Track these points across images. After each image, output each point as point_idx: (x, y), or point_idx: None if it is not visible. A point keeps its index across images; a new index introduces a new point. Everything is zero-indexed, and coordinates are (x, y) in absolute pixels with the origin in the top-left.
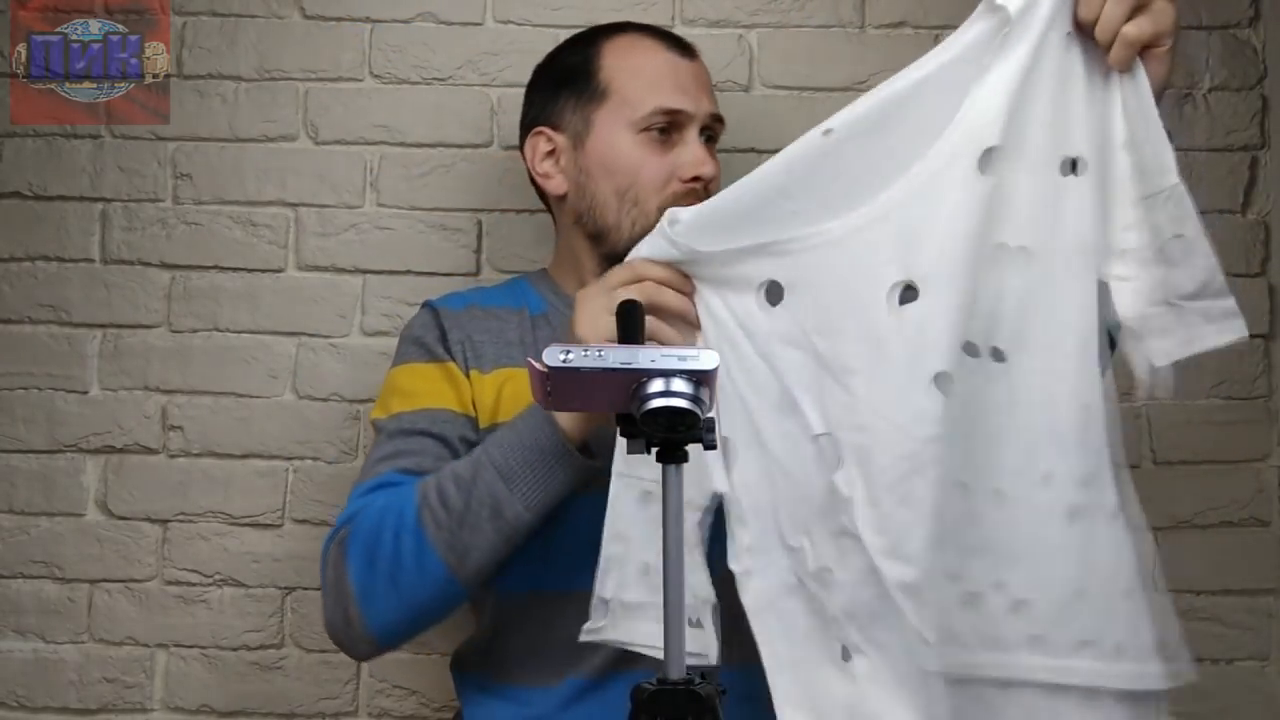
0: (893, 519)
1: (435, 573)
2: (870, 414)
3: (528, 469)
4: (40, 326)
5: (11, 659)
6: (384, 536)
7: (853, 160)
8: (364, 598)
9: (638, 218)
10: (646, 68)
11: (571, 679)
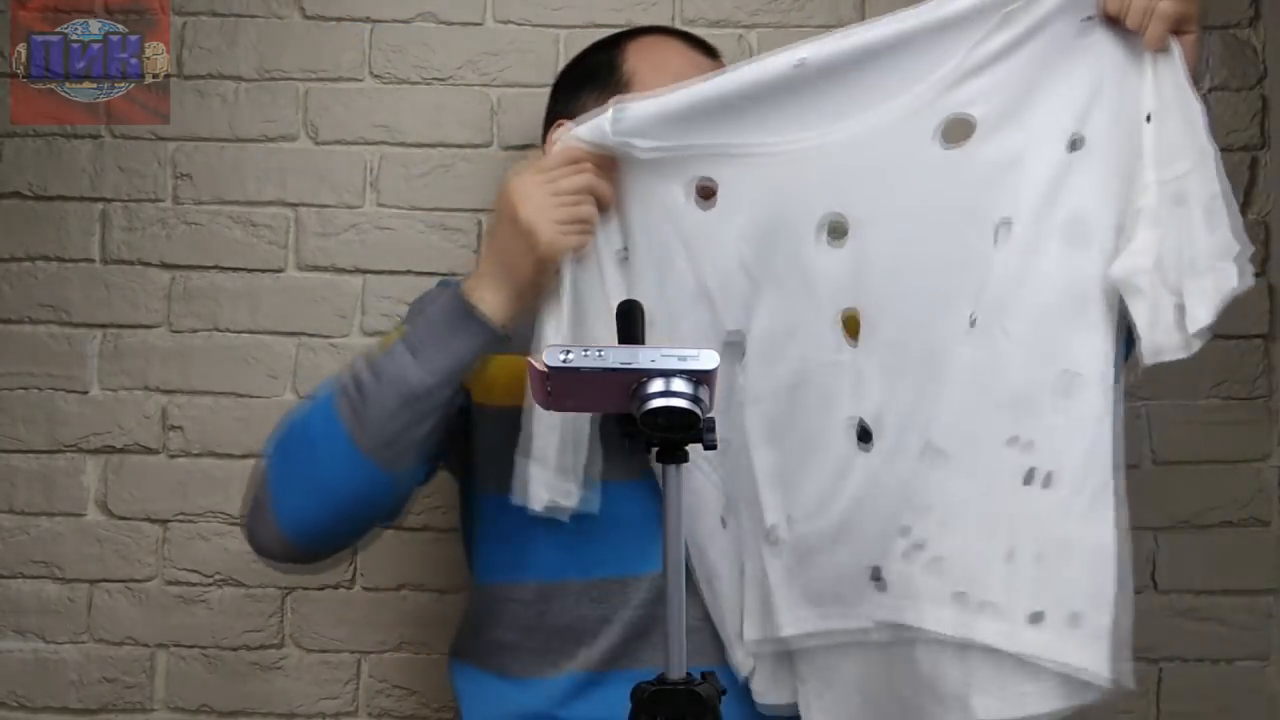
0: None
1: (342, 449)
2: (782, 330)
3: (432, 337)
4: (40, 326)
5: (11, 659)
6: (295, 427)
7: (817, 94)
8: (276, 487)
9: None
10: (669, 64)
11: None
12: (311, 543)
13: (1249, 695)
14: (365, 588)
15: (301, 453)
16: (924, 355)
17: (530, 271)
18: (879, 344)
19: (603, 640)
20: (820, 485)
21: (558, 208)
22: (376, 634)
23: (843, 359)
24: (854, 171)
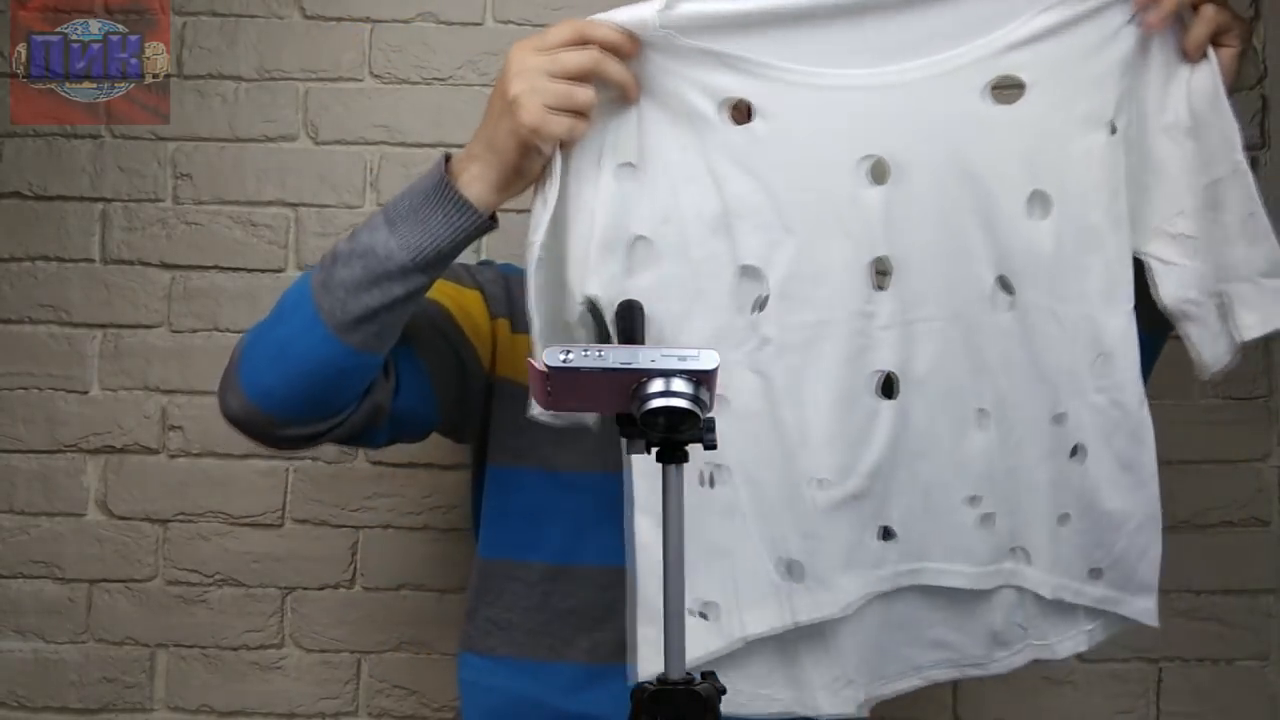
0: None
1: (306, 316)
2: (811, 272)
3: (411, 210)
4: (40, 326)
5: (11, 659)
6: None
7: (874, 28)
8: (247, 352)
9: None
10: None
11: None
12: (273, 409)
13: (1249, 695)
14: (365, 588)
15: (273, 320)
16: (950, 314)
17: (514, 155)
18: (908, 295)
19: (607, 630)
20: (849, 441)
21: (550, 84)
22: (376, 634)
23: (871, 308)
24: (901, 114)
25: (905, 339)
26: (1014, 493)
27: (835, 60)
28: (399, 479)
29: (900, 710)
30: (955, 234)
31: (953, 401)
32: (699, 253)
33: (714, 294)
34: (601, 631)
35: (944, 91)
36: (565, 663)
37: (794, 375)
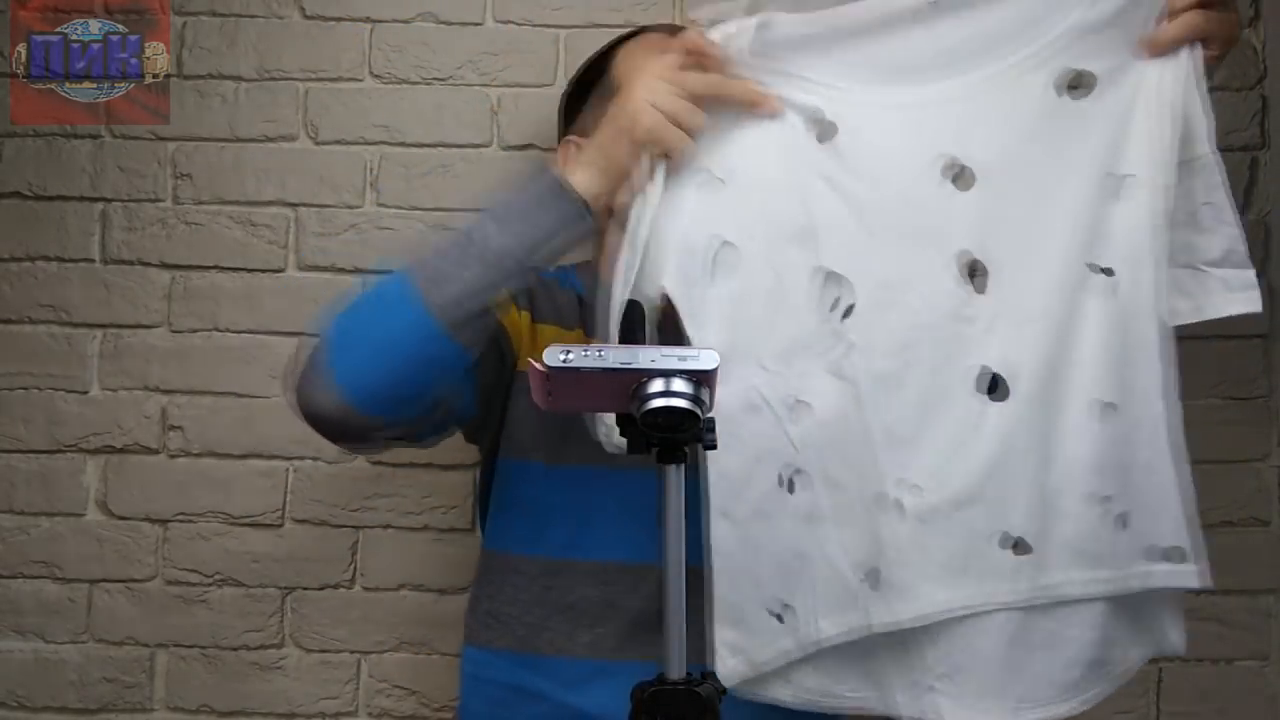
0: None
1: (413, 309)
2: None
3: (517, 207)
4: (40, 326)
5: (11, 659)
6: (363, 296)
7: (943, 36)
8: (338, 347)
9: None
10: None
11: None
12: (372, 408)
13: (1249, 695)
14: (365, 588)
15: (369, 314)
16: (1045, 306)
17: (623, 154)
18: (1005, 291)
19: (608, 625)
20: (946, 445)
21: (671, 100)
22: (376, 634)
23: (966, 308)
24: (977, 116)
25: (1009, 338)
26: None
27: (912, 71)
28: (399, 479)
29: None
30: (1044, 223)
31: (1067, 396)
32: (782, 261)
33: (797, 302)
34: (602, 626)
35: (1016, 88)
36: (566, 657)
37: (882, 381)
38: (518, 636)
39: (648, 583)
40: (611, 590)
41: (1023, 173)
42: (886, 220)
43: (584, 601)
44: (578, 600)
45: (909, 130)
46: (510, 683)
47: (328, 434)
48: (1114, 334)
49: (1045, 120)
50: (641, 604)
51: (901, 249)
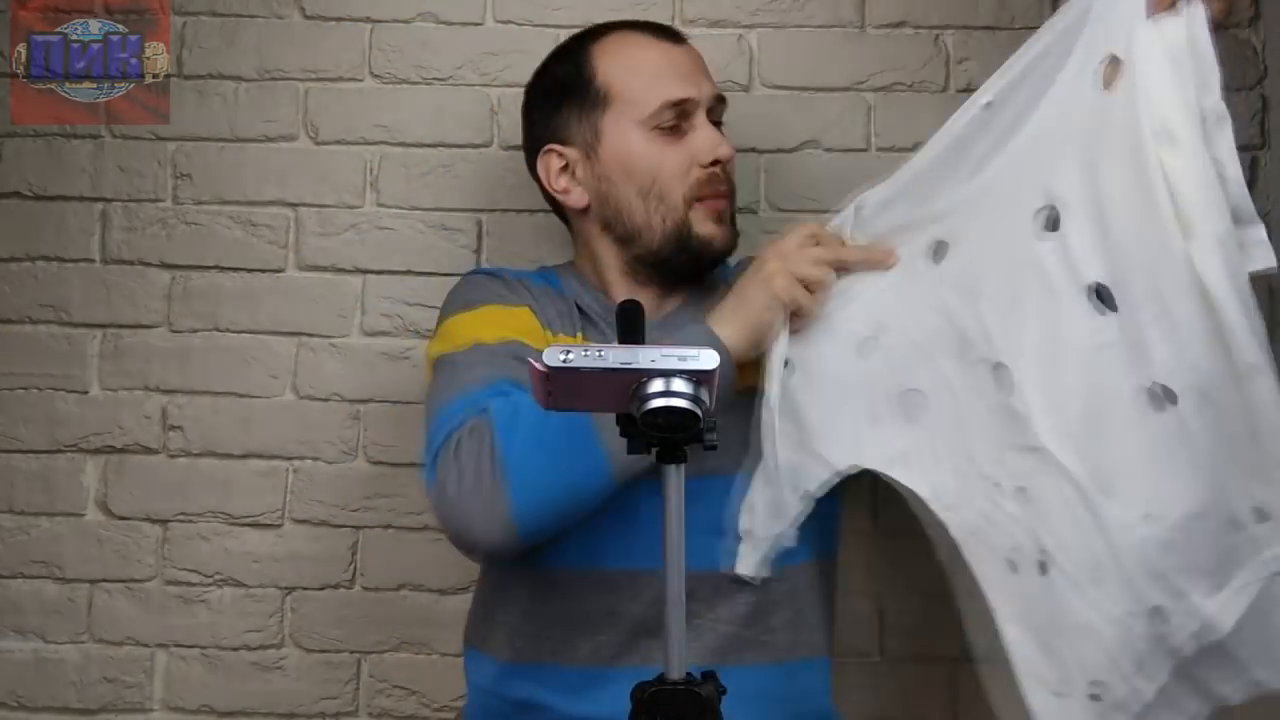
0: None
1: (595, 456)
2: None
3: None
4: (40, 326)
5: (11, 659)
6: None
7: (1004, 120)
8: (516, 473)
9: (666, 213)
10: (642, 64)
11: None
12: (531, 537)
13: None
14: (365, 588)
15: (554, 457)
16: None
17: (765, 313)
18: (1137, 302)
19: (609, 633)
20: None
21: (801, 266)
22: (376, 634)
23: (1107, 336)
24: (1041, 161)
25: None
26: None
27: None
28: (399, 479)
29: (900, 710)
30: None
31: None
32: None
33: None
34: (603, 634)
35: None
36: (567, 665)
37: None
38: (517, 648)
39: (650, 588)
40: (612, 598)
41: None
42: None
43: (585, 610)
44: (579, 609)
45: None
46: (512, 697)
47: (467, 549)
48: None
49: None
50: (642, 611)
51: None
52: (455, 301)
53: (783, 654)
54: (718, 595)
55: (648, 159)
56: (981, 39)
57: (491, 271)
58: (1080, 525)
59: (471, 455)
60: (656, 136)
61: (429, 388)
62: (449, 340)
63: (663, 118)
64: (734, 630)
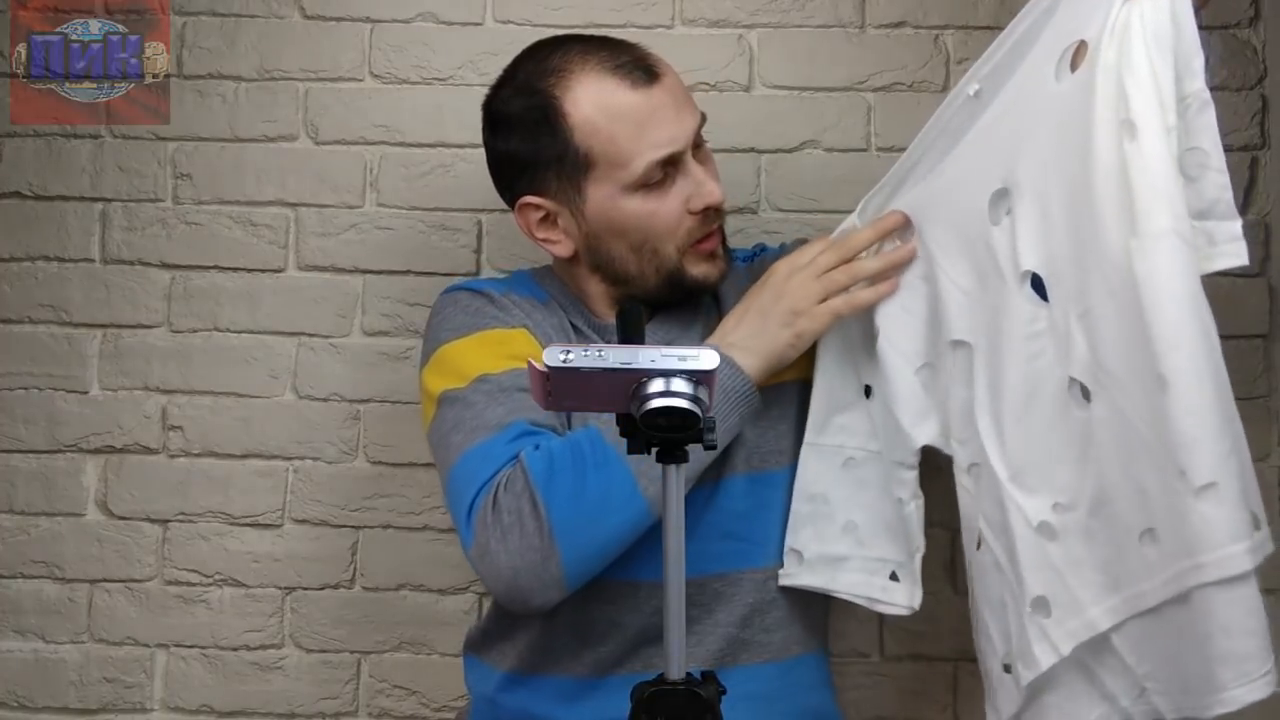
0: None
1: (638, 506)
2: (993, 323)
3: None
4: (40, 326)
5: (11, 659)
6: (587, 472)
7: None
8: (564, 533)
9: (660, 264)
10: (621, 122)
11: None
12: (578, 586)
13: None
14: (365, 588)
15: (597, 503)
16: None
17: (785, 348)
18: (1065, 296)
19: (610, 644)
20: (1068, 460)
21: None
22: (376, 634)
23: (1038, 326)
24: (1002, 144)
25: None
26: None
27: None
28: (399, 479)
29: (900, 710)
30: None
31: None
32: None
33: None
34: (605, 645)
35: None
36: (566, 676)
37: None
38: (522, 659)
39: (653, 598)
40: (615, 608)
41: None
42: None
43: (589, 620)
44: (583, 619)
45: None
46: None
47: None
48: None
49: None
50: (644, 620)
51: (989, 296)
52: (446, 326)
53: (779, 652)
54: (718, 601)
55: (637, 219)
56: (981, 39)
57: (475, 288)
58: (998, 508)
59: (514, 515)
60: (645, 194)
61: (434, 423)
62: (450, 373)
63: (651, 177)
64: (732, 632)
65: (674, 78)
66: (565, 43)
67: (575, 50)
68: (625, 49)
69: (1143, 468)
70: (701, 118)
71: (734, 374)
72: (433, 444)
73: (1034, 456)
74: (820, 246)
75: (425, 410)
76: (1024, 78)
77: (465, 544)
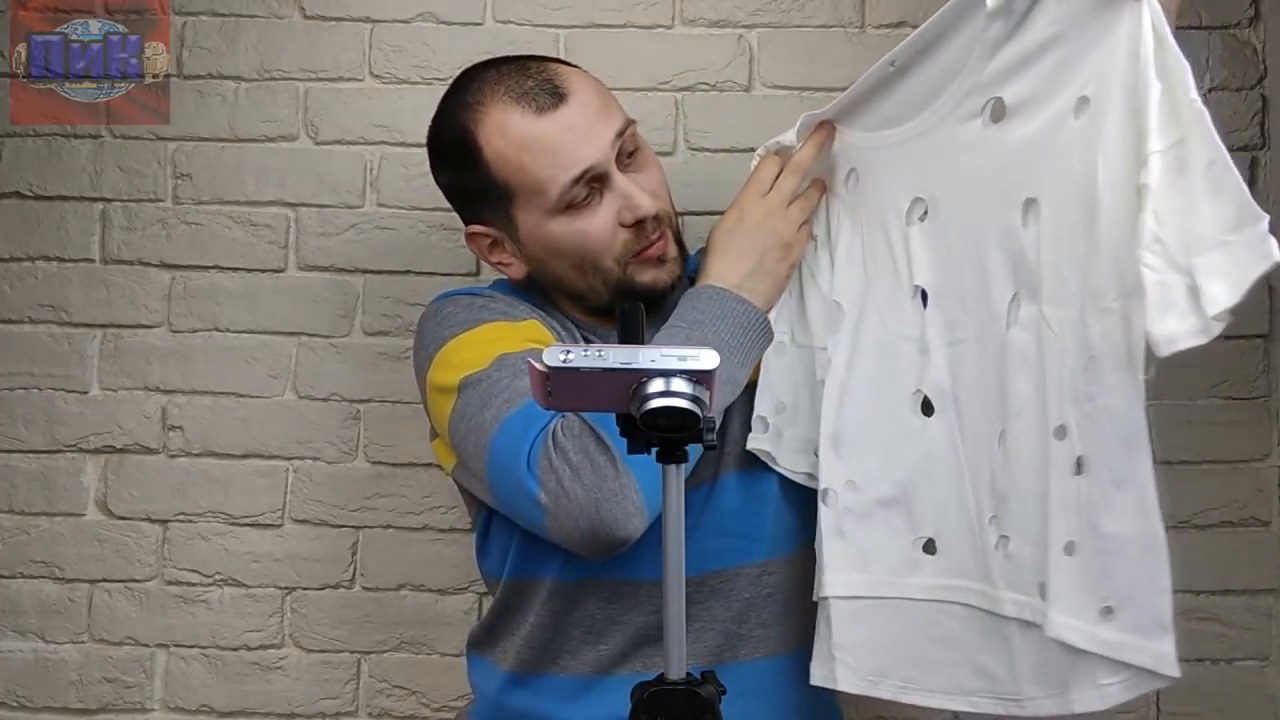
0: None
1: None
2: (873, 306)
3: (743, 344)
4: (40, 326)
5: (11, 659)
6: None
7: (910, 84)
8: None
9: (605, 278)
10: (528, 150)
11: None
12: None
13: (1249, 695)
14: (365, 588)
15: None
16: (979, 334)
17: (784, 275)
18: (940, 320)
19: (610, 642)
20: (883, 453)
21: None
22: (376, 634)
23: (912, 332)
24: (928, 156)
25: (944, 360)
26: (1025, 517)
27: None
28: (399, 479)
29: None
30: (976, 255)
31: (984, 421)
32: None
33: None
34: (605, 644)
35: (952, 124)
36: (567, 675)
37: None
38: (523, 658)
39: (652, 599)
40: (615, 608)
41: (959, 204)
42: (873, 256)
43: (589, 620)
44: (583, 619)
45: (891, 170)
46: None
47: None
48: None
49: (973, 151)
50: (644, 619)
51: (878, 279)
52: (450, 323)
53: (778, 647)
54: (715, 597)
55: (568, 239)
56: None
57: (473, 292)
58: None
59: (580, 453)
60: (572, 214)
61: (455, 411)
62: (464, 363)
63: (572, 196)
64: (730, 628)
65: (588, 91)
66: (481, 72)
67: (488, 80)
68: (533, 71)
69: (951, 489)
70: (625, 125)
71: (747, 310)
72: (458, 433)
73: (857, 435)
74: (772, 169)
75: (439, 406)
76: (952, 105)
77: (530, 496)
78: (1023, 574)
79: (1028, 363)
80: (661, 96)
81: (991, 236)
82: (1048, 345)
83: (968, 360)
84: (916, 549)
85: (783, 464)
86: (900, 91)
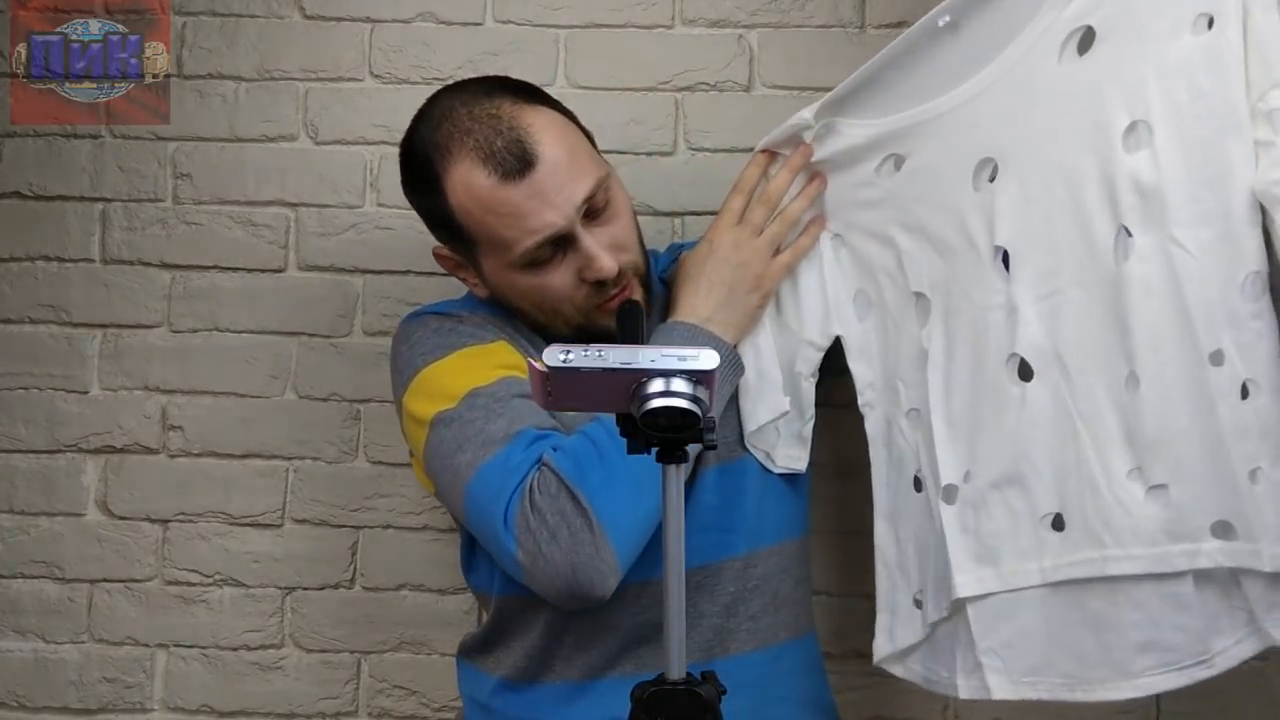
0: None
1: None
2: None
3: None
4: (40, 326)
5: (11, 659)
6: (613, 460)
7: (966, 41)
8: (609, 521)
9: (568, 319)
10: (493, 215)
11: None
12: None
13: (1249, 695)
14: (365, 588)
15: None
16: (1080, 279)
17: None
18: (1029, 275)
19: (600, 648)
20: (988, 432)
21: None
22: (376, 634)
23: (998, 299)
24: (991, 112)
25: (1037, 316)
26: (1187, 458)
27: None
28: (399, 479)
29: (899, 710)
30: (1067, 199)
31: (1099, 370)
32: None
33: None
34: (595, 648)
35: (1025, 72)
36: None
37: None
38: (517, 667)
39: (641, 600)
40: (606, 611)
41: (1038, 153)
42: (936, 231)
43: (581, 627)
44: (576, 624)
45: (951, 136)
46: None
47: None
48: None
49: (1052, 91)
50: (632, 620)
51: (948, 254)
52: (420, 349)
53: (768, 639)
54: (700, 593)
55: (529, 289)
56: None
57: (441, 311)
58: (931, 461)
59: (558, 515)
60: (533, 271)
61: (429, 448)
62: (437, 395)
63: (535, 256)
64: (718, 623)
65: (559, 149)
66: (454, 108)
67: (458, 124)
68: (504, 126)
69: (1068, 454)
70: (595, 185)
71: (721, 346)
72: (433, 469)
73: (966, 423)
74: (741, 201)
75: (413, 434)
76: (1023, 51)
77: (508, 553)
78: (1191, 520)
79: (1154, 294)
80: (661, 96)
81: (1082, 173)
82: (1183, 270)
83: (1066, 311)
84: (1044, 527)
85: (780, 464)
86: (954, 51)
